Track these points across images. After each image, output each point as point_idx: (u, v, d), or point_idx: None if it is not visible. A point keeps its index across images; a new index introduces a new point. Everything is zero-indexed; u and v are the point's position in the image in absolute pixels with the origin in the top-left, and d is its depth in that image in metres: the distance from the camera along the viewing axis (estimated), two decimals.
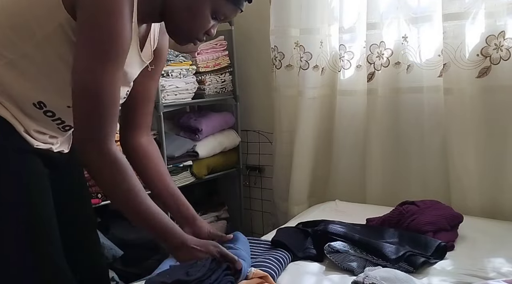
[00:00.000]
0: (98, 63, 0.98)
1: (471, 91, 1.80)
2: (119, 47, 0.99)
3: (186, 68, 2.28)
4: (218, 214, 2.61)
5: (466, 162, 1.84)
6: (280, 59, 2.33)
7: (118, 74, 1.02)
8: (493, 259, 1.36)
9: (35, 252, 1.07)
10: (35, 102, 1.09)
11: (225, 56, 2.50)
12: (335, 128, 2.23)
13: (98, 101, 1.00)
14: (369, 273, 1.15)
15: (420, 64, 1.94)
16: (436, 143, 1.94)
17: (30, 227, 1.07)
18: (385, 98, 2.04)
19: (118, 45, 0.99)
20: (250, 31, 2.53)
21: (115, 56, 0.99)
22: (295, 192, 2.31)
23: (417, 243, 1.41)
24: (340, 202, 2.05)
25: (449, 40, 1.80)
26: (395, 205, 1.66)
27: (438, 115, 1.92)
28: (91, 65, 0.98)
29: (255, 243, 1.47)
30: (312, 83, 2.22)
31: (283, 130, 2.38)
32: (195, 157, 2.36)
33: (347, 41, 2.15)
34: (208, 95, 2.44)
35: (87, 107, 1.00)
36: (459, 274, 1.28)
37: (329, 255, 1.36)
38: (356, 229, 1.51)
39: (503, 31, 1.70)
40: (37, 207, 1.09)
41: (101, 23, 0.97)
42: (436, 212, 1.56)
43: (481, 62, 1.76)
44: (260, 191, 2.74)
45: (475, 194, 1.84)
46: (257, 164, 2.71)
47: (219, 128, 2.53)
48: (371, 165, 2.11)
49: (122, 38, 0.99)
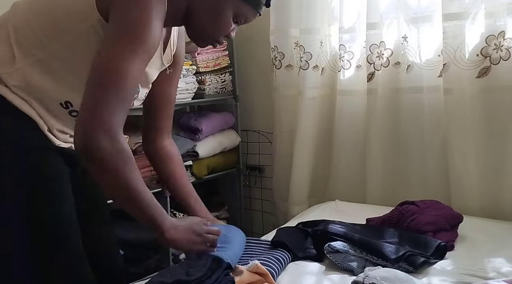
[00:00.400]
0: (126, 53, 0.97)
1: (471, 91, 1.80)
2: (149, 43, 1.00)
3: (186, 68, 2.28)
4: (218, 214, 2.60)
5: (466, 162, 1.84)
6: (280, 59, 2.33)
7: (142, 68, 1.02)
8: (493, 259, 1.36)
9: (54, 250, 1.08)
10: (62, 102, 1.10)
11: (225, 56, 2.50)
12: (335, 128, 2.23)
13: (118, 88, 0.96)
14: (369, 273, 1.15)
15: (420, 64, 1.94)
16: (436, 143, 1.95)
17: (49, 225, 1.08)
18: (385, 98, 2.04)
19: (149, 41, 0.99)
20: (250, 31, 2.53)
21: (143, 50, 0.99)
22: (295, 192, 2.31)
23: (417, 243, 1.41)
24: (340, 202, 2.05)
25: (449, 40, 1.80)
26: (395, 205, 1.66)
27: (438, 115, 1.92)
28: (119, 53, 0.97)
29: (255, 243, 1.47)
30: (312, 83, 2.22)
31: (283, 130, 2.38)
32: (195, 157, 2.36)
33: (347, 41, 2.15)
34: (208, 95, 2.44)
35: (105, 92, 0.95)
36: (459, 274, 1.28)
37: (329, 255, 1.36)
38: (356, 229, 1.51)
39: (503, 31, 1.71)
40: (58, 204, 1.10)
41: (135, 17, 0.97)
42: (436, 212, 1.56)
43: (481, 62, 1.76)
44: (260, 191, 2.74)
45: (475, 194, 1.84)
46: (257, 164, 2.71)
47: (219, 128, 2.53)
48: (371, 165, 2.11)
49: (153, 35, 1.00)
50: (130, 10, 0.98)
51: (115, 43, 0.98)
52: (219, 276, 1.09)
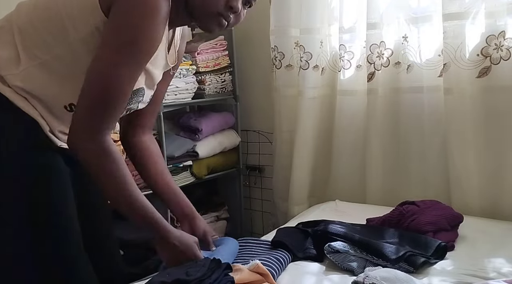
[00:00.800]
0: (122, 58, 0.98)
1: (471, 91, 1.80)
2: (147, 49, 1.00)
3: (186, 68, 2.28)
4: (218, 214, 2.60)
5: (466, 162, 1.84)
6: (280, 59, 2.33)
7: (137, 74, 1.03)
8: (493, 259, 1.36)
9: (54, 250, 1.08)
10: (67, 105, 1.10)
11: (225, 56, 2.50)
12: (335, 128, 2.23)
13: (109, 94, 1.00)
14: (369, 273, 1.15)
15: (420, 64, 1.94)
16: (436, 143, 1.94)
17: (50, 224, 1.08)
18: (385, 98, 2.04)
19: (147, 47, 1.00)
20: (250, 31, 2.53)
21: (140, 56, 1.00)
22: (295, 192, 2.31)
23: (417, 243, 1.41)
24: (340, 202, 2.05)
25: (449, 40, 1.79)
26: (395, 205, 1.66)
27: (438, 115, 1.92)
28: (114, 58, 0.98)
29: (255, 243, 1.47)
30: (312, 83, 2.22)
31: (283, 130, 2.38)
32: (195, 157, 2.36)
33: (347, 41, 2.15)
34: (208, 95, 2.44)
35: (96, 97, 1.00)
36: (459, 274, 1.28)
37: (329, 255, 1.36)
38: (356, 229, 1.51)
39: (503, 31, 1.70)
40: (59, 204, 1.10)
41: (135, 22, 0.97)
42: (436, 212, 1.56)
43: (481, 62, 1.76)
44: (260, 191, 2.74)
45: (475, 194, 1.84)
46: (257, 164, 2.71)
47: (219, 128, 2.53)
48: (371, 165, 2.11)
49: (152, 40, 1.00)
50: (131, 15, 0.97)
51: (110, 49, 0.98)
52: (218, 276, 1.08)
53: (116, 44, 0.98)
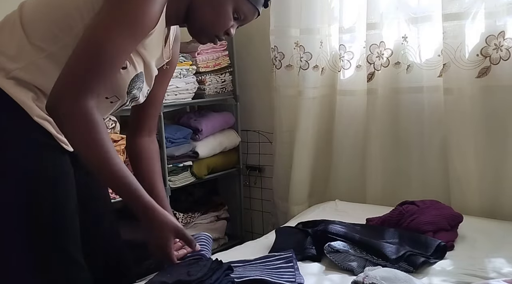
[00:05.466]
0: (117, 27, 0.99)
1: (471, 91, 1.80)
2: (142, 23, 1.01)
3: (186, 68, 2.28)
4: (218, 214, 2.60)
5: (466, 162, 1.84)
6: (280, 59, 2.33)
7: (130, 48, 1.03)
8: (493, 259, 1.36)
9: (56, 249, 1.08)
10: None
11: (225, 56, 2.50)
12: (335, 128, 2.23)
13: (99, 58, 0.98)
14: (369, 273, 1.15)
15: (420, 64, 1.94)
16: (436, 143, 1.95)
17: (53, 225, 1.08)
18: (385, 98, 2.04)
19: (142, 20, 1.01)
20: (250, 31, 2.53)
21: (135, 28, 1.01)
22: (295, 192, 2.31)
23: (417, 243, 1.41)
24: (340, 202, 2.05)
25: (449, 40, 1.80)
26: (395, 205, 1.66)
27: (438, 115, 1.92)
28: (109, 26, 0.99)
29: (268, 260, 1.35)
30: (312, 83, 2.22)
31: (283, 130, 2.38)
32: (195, 157, 2.36)
33: (347, 41, 2.15)
34: (208, 95, 2.44)
35: (85, 59, 0.98)
36: (459, 274, 1.28)
37: (329, 255, 1.36)
38: (356, 229, 1.51)
39: (503, 31, 1.71)
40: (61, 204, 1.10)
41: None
42: (436, 212, 1.56)
43: (481, 62, 1.76)
44: (260, 191, 2.74)
45: (475, 194, 1.84)
46: (257, 164, 2.71)
47: (219, 128, 2.53)
48: (371, 165, 2.11)
49: (148, 15, 1.01)
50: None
51: (106, 18, 0.99)
52: (219, 276, 1.09)
53: (113, 14, 0.99)
